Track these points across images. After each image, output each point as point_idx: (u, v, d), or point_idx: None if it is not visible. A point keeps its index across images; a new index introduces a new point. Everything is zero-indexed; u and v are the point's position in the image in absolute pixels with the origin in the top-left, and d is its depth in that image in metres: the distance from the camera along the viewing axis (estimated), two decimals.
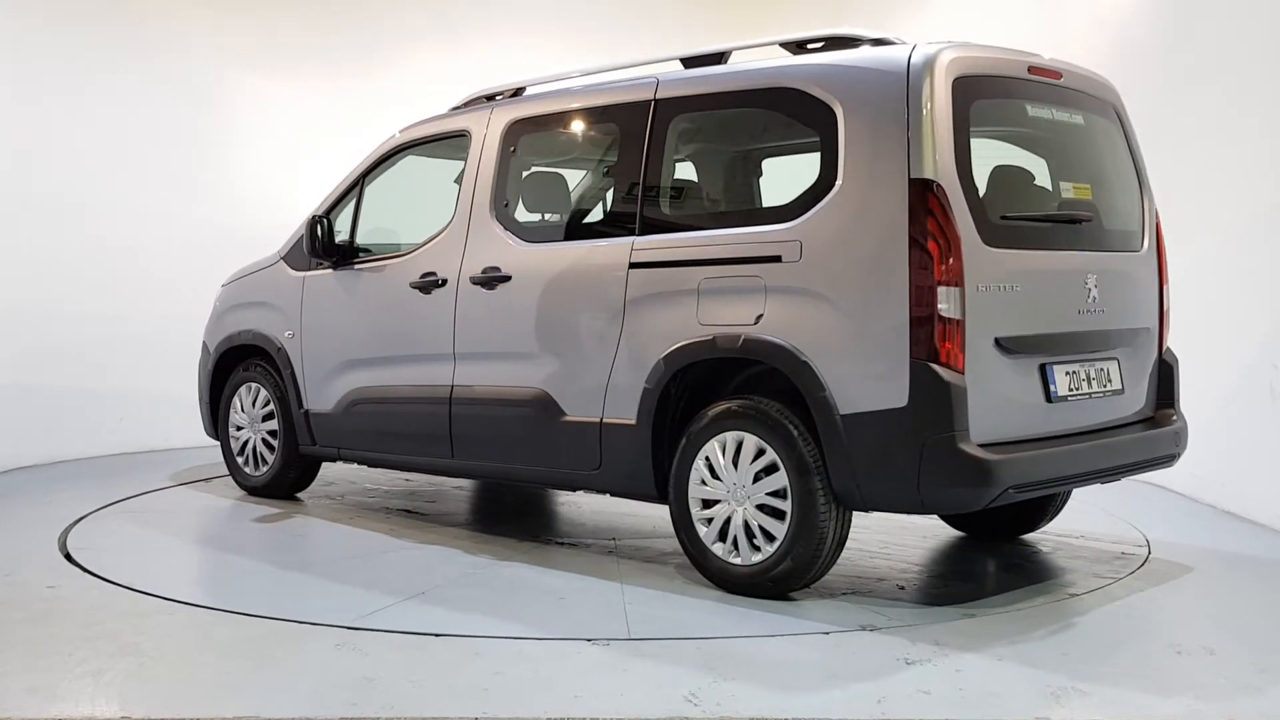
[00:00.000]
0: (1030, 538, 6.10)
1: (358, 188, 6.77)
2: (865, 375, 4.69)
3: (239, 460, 7.38)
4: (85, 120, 9.05)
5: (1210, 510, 6.98)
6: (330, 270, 6.75)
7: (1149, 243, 5.59)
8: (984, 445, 4.62)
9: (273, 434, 7.15)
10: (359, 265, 6.65)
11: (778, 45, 5.40)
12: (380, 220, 6.91)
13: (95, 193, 9.08)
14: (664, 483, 5.30)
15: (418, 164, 6.85)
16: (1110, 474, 5.23)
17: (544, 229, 6.05)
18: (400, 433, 6.39)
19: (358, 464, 6.83)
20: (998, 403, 4.75)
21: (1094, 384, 5.16)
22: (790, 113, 5.21)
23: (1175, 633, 4.80)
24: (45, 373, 8.77)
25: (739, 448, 5.01)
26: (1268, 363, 6.51)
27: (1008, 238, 4.86)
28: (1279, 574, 5.68)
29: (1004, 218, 4.91)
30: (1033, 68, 5.16)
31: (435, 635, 4.53)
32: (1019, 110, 5.19)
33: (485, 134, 6.14)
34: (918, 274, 4.58)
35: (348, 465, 7.13)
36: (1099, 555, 5.82)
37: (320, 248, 6.65)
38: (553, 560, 5.74)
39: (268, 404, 7.14)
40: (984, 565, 5.78)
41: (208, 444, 8.25)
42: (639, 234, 5.40)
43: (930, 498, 4.67)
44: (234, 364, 7.40)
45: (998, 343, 4.77)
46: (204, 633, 4.66)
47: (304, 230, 6.75)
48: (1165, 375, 5.60)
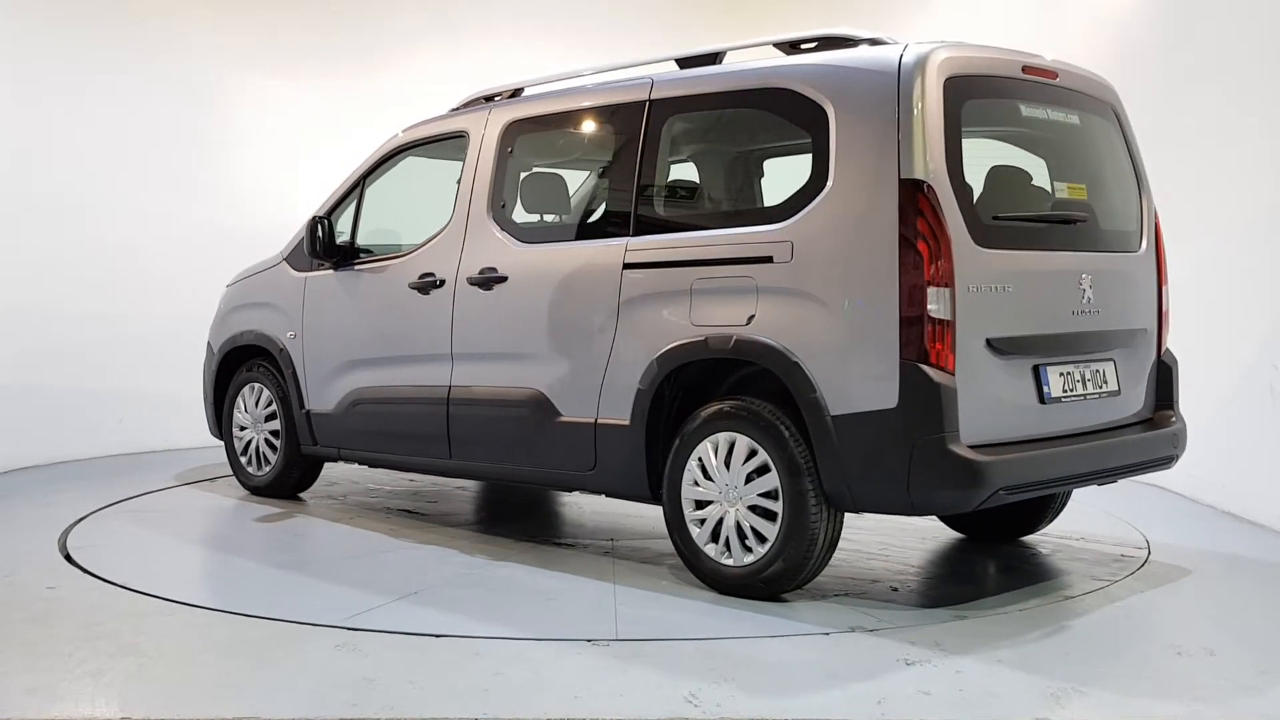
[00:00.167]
0: (1030, 539, 6.09)
1: (358, 189, 6.78)
2: (855, 376, 4.68)
3: (242, 460, 7.40)
4: (85, 120, 9.06)
5: (1210, 511, 6.97)
6: (331, 271, 6.76)
7: (1147, 243, 5.56)
8: (975, 446, 4.60)
9: (275, 434, 7.17)
10: (359, 266, 6.66)
11: (771, 45, 5.39)
12: (381, 221, 6.92)
13: (95, 193, 9.09)
14: (658, 484, 5.29)
15: (418, 165, 6.86)
16: (1106, 476, 5.20)
17: (541, 230, 6.05)
18: (399, 433, 6.39)
19: (358, 464, 6.84)
20: (989, 404, 4.73)
21: (1089, 385, 5.13)
22: (782, 113, 5.19)
23: (1175, 634, 4.79)
24: (45, 373, 8.78)
25: (731, 449, 5.00)
26: (1268, 363, 6.50)
27: (1000, 238, 4.84)
28: (1279, 575, 5.68)
29: (996, 218, 4.88)
30: (1027, 67, 5.12)
31: (435, 636, 4.53)
32: (1013, 110, 5.16)
33: (483, 135, 6.15)
34: (908, 274, 4.56)
35: (351, 466, 7.14)
36: (1099, 556, 5.82)
37: (321, 248, 6.66)
38: (549, 561, 5.74)
39: (270, 404, 7.16)
40: (983, 567, 5.77)
41: (208, 444, 8.27)
42: (633, 234, 5.40)
43: (920, 499, 4.65)
44: (238, 364, 7.43)
45: (989, 344, 4.75)
46: (204, 633, 4.66)
47: (304, 231, 6.76)
48: (1164, 376, 5.57)
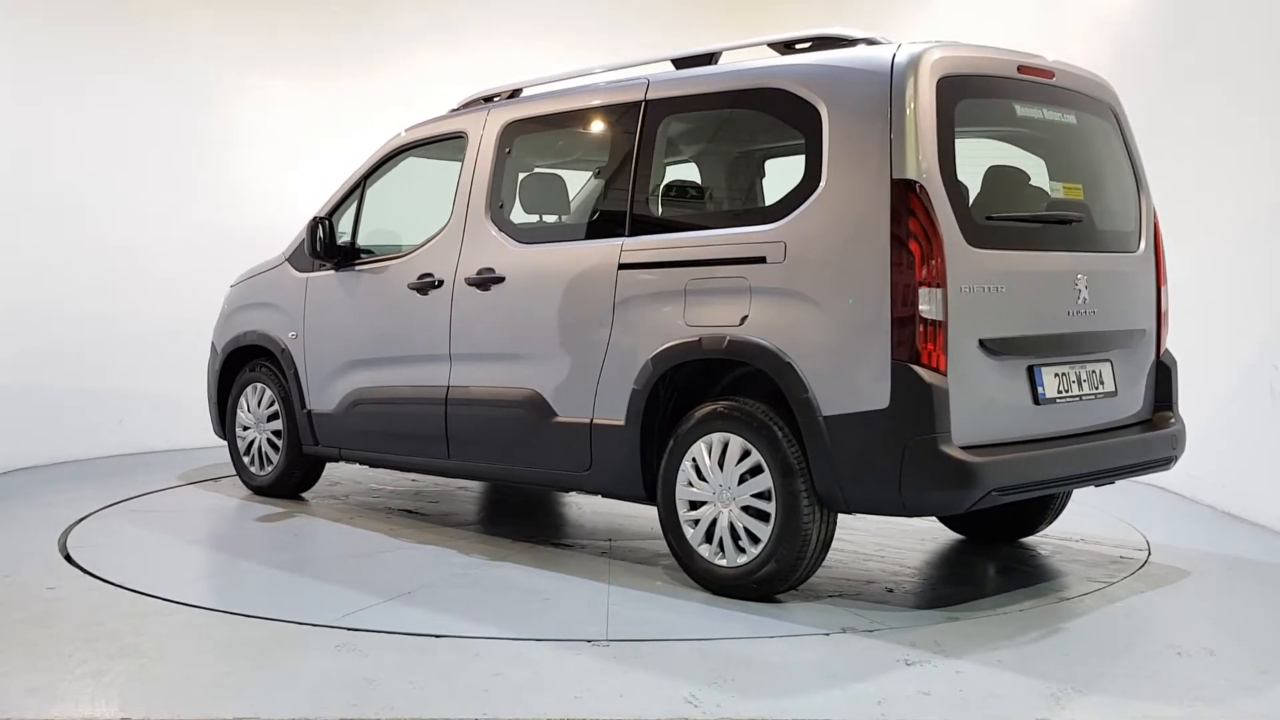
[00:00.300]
0: (1029, 540, 6.08)
1: (359, 189, 6.79)
2: (848, 376, 4.66)
3: (245, 460, 7.41)
4: (85, 120, 9.06)
5: (1210, 511, 6.97)
6: (332, 271, 6.77)
7: (1146, 243, 5.53)
8: (967, 447, 4.58)
9: (277, 434, 7.17)
10: (360, 267, 6.67)
11: (766, 45, 5.38)
12: (381, 221, 6.93)
13: (95, 193, 9.09)
14: (653, 484, 5.28)
15: (418, 165, 6.86)
16: (1103, 477, 5.18)
17: (538, 230, 6.05)
18: (399, 433, 6.40)
19: (359, 464, 6.84)
20: (982, 405, 4.71)
21: (1085, 386, 5.11)
22: (776, 113, 5.18)
23: (1175, 634, 4.79)
24: (45, 373, 8.78)
25: (725, 449, 5.00)
26: (1268, 363, 6.49)
27: (993, 238, 4.81)
28: (1279, 575, 5.67)
29: (989, 218, 4.87)
30: (1022, 67, 5.09)
31: (435, 636, 4.53)
32: (1008, 110, 5.14)
33: (481, 135, 6.15)
34: (900, 275, 4.54)
35: (353, 466, 7.14)
36: (1098, 557, 5.81)
37: (322, 249, 6.67)
38: (545, 561, 5.74)
39: (273, 404, 7.17)
40: (981, 568, 5.76)
41: (208, 444, 8.27)
42: (628, 235, 5.39)
43: (912, 499, 4.63)
44: (241, 364, 7.44)
45: (982, 344, 4.72)
46: (204, 633, 4.67)
47: (305, 232, 6.77)
48: (1163, 377, 5.54)
